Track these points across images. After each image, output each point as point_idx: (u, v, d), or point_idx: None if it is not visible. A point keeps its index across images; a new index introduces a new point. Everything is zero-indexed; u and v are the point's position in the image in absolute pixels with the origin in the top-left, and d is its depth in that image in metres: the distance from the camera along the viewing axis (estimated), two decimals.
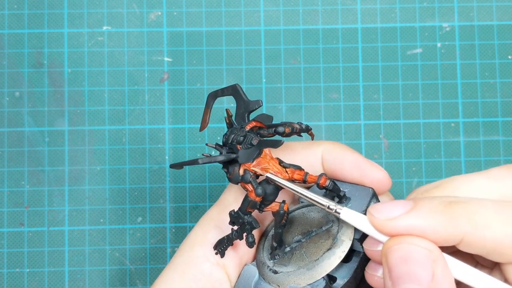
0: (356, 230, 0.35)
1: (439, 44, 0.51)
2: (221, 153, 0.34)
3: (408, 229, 0.31)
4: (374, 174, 0.38)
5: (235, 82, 0.51)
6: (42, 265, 0.49)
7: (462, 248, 0.31)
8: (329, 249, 0.34)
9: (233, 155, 0.34)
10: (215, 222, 0.37)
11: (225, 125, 0.51)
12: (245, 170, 0.34)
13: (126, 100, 0.50)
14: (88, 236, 0.49)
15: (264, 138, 0.35)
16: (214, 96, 0.37)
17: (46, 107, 0.50)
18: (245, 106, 0.35)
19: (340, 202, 0.37)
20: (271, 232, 0.37)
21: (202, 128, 0.37)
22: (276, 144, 0.33)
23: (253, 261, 0.37)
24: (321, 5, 0.52)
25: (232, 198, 0.38)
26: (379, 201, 0.37)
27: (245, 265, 0.37)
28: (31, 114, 0.50)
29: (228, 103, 0.51)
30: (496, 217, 0.30)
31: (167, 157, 0.50)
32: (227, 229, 0.36)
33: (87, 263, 0.49)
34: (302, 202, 0.39)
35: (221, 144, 0.35)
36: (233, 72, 0.51)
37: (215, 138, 0.50)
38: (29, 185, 0.50)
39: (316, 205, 0.33)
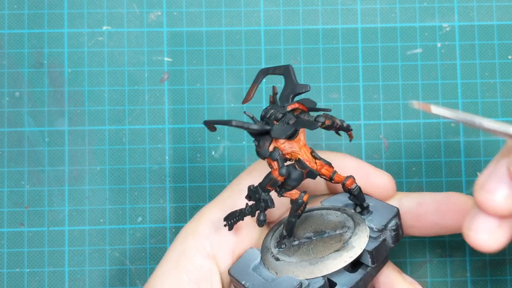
0: (369, 240, 0.35)
1: (439, 44, 0.51)
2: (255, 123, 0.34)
3: None
4: (379, 179, 0.38)
5: (235, 82, 0.51)
6: (42, 265, 0.49)
7: None
8: (337, 250, 0.34)
9: (267, 127, 0.33)
10: (209, 217, 0.38)
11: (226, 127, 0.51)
12: (275, 148, 0.34)
13: (126, 100, 0.50)
14: (88, 236, 0.49)
15: (301, 119, 0.34)
16: (265, 72, 0.36)
17: (46, 107, 0.50)
18: (292, 87, 0.35)
19: (361, 213, 0.37)
20: (284, 221, 0.37)
21: (245, 101, 0.36)
22: (312, 126, 0.32)
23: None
24: (321, 5, 0.52)
25: (229, 197, 0.38)
26: (400, 221, 0.36)
27: (250, 248, 0.37)
28: (31, 114, 0.50)
29: (228, 103, 0.51)
30: None
31: (167, 157, 0.50)
32: (219, 223, 0.37)
33: (87, 263, 0.49)
34: (323, 204, 0.39)
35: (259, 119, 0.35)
36: (233, 72, 0.51)
37: (215, 138, 0.50)
38: (29, 185, 0.50)
39: (497, 134, 0.28)
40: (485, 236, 0.28)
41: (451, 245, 0.49)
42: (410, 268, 0.49)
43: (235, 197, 0.38)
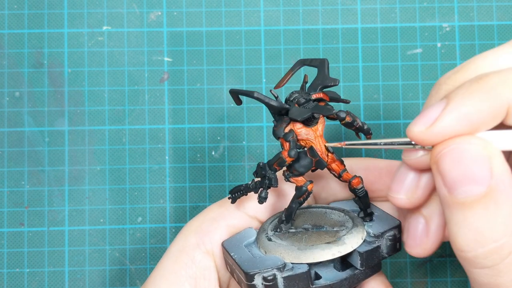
0: (363, 243, 0.35)
1: (439, 44, 0.51)
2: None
3: (453, 125, 0.28)
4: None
5: (235, 82, 0.51)
6: (42, 265, 0.49)
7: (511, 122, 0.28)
8: (328, 243, 0.34)
9: (286, 106, 0.34)
10: (213, 214, 0.38)
11: (226, 124, 0.51)
12: (290, 130, 0.35)
13: (126, 100, 0.50)
14: (88, 236, 0.49)
15: (319, 105, 0.35)
16: (302, 62, 0.37)
17: (46, 107, 0.50)
18: (322, 79, 0.36)
19: (364, 218, 0.37)
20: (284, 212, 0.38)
21: (278, 86, 0.37)
22: (327, 112, 0.34)
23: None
24: (321, 5, 0.52)
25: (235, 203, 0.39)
26: (400, 234, 0.37)
27: (249, 227, 0.38)
28: (31, 114, 0.50)
29: (228, 103, 0.51)
30: None
31: (167, 157, 0.50)
32: (222, 221, 0.37)
33: (87, 263, 0.49)
34: (330, 205, 0.39)
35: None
36: (233, 72, 0.51)
37: (215, 137, 0.50)
38: (29, 185, 0.50)
39: (400, 148, 0.32)
40: (403, 196, 0.32)
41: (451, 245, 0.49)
42: (410, 268, 0.49)
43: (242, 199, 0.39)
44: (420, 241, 0.32)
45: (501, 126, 0.29)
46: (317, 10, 0.52)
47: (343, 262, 0.36)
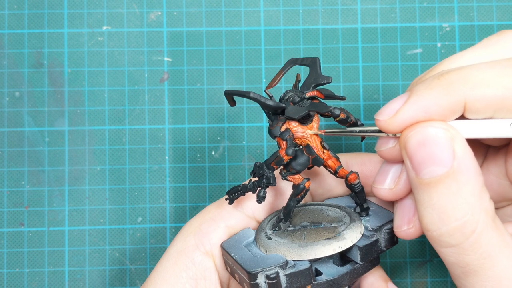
0: (362, 237, 0.35)
1: (439, 44, 0.51)
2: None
3: (413, 116, 0.30)
4: None
5: (235, 82, 0.51)
6: (42, 265, 0.49)
7: (470, 115, 0.30)
8: (328, 239, 0.35)
9: (282, 105, 0.35)
10: (211, 215, 0.38)
11: (226, 124, 0.51)
12: (287, 129, 0.35)
13: (126, 100, 0.50)
14: (88, 236, 0.49)
15: (315, 102, 0.35)
16: (293, 62, 0.38)
17: (46, 107, 0.50)
18: (315, 77, 0.36)
19: (360, 213, 0.37)
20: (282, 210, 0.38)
21: (270, 86, 0.37)
22: (324, 109, 0.34)
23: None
24: (321, 5, 0.52)
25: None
26: None
27: (246, 228, 0.38)
28: (31, 114, 0.50)
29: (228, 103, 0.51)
30: (491, 73, 0.30)
31: (167, 157, 0.50)
32: (221, 222, 0.37)
33: (87, 263, 0.49)
34: (325, 201, 0.40)
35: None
36: (233, 72, 0.51)
37: (215, 137, 0.50)
38: (29, 185, 0.50)
39: (375, 135, 0.33)
40: (386, 187, 0.34)
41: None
42: (410, 268, 0.49)
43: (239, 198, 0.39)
44: (408, 220, 0.34)
45: (462, 118, 0.31)
46: (317, 10, 0.52)
47: (342, 257, 0.37)
